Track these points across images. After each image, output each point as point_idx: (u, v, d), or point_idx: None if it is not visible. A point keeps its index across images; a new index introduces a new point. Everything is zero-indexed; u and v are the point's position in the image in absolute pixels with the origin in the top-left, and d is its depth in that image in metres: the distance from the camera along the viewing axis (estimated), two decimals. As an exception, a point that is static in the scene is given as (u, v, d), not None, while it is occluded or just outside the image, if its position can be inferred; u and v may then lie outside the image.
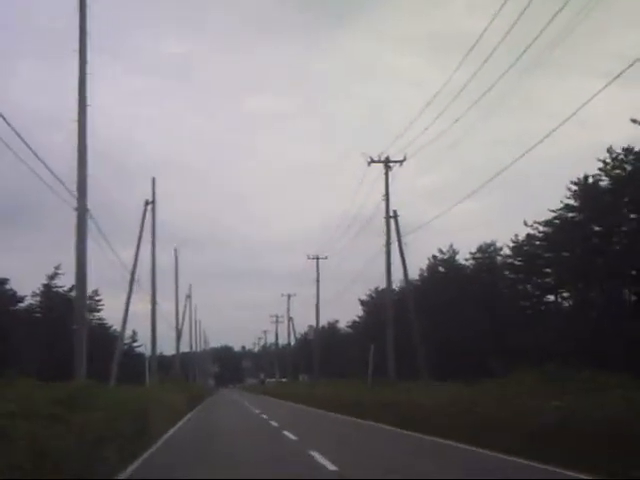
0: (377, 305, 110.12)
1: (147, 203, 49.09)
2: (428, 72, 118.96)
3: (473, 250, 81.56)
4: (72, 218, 25.61)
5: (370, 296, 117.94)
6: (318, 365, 77.03)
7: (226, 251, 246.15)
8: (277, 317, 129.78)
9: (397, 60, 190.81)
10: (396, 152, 46.71)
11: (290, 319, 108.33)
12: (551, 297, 70.91)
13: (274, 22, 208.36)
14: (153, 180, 51.63)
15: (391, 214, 47.03)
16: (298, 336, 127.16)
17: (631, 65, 20.03)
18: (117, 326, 62.24)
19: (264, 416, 37.19)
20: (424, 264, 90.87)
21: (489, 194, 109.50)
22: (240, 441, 23.17)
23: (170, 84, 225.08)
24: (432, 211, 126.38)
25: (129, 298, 44.33)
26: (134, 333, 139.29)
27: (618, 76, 20.67)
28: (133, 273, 44.03)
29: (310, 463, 16.32)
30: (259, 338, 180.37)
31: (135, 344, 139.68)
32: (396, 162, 46.30)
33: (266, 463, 16.93)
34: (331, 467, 15.48)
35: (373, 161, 47.16)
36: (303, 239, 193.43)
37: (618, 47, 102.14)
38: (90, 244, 26.08)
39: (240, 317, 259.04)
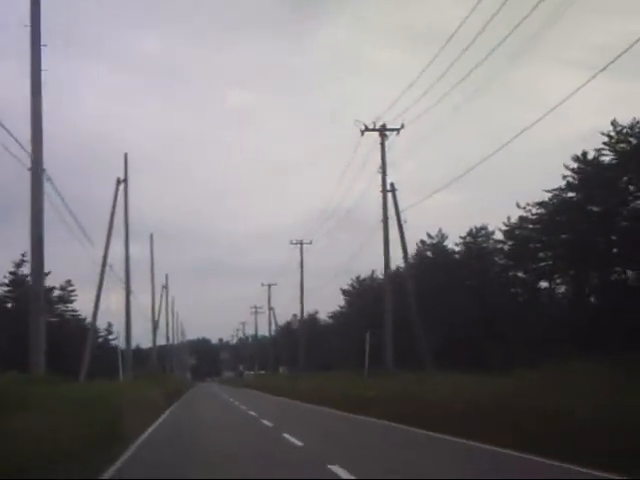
0: (360, 294, 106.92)
1: (119, 181, 44.98)
2: (409, 65, 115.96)
3: (463, 234, 77.64)
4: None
5: (352, 286, 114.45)
6: (304, 355, 73.03)
7: (205, 245, 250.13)
8: (256, 308, 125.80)
9: (377, 53, 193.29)
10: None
11: (271, 309, 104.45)
12: (544, 284, 67.34)
13: (254, 17, 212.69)
14: (125, 156, 47.55)
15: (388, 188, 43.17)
16: (278, 328, 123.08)
17: (619, 56, 20.03)
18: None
19: (252, 413, 33.10)
20: (411, 250, 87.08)
21: (472, 184, 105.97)
22: (232, 448, 19.00)
23: (151, 81, 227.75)
24: (414, 199, 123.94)
25: (101, 285, 40.32)
26: (109, 325, 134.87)
27: (604, 68, 20.74)
28: (105, 257, 39.97)
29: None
30: (237, 330, 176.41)
31: (110, 337, 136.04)
32: (393, 130, 43.34)
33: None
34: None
35: (367, 129, 44.08)
36: (283, 234, 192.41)
37: (593, 37, 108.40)
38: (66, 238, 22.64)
39: (218, 310, 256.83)
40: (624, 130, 49.28)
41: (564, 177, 53.76)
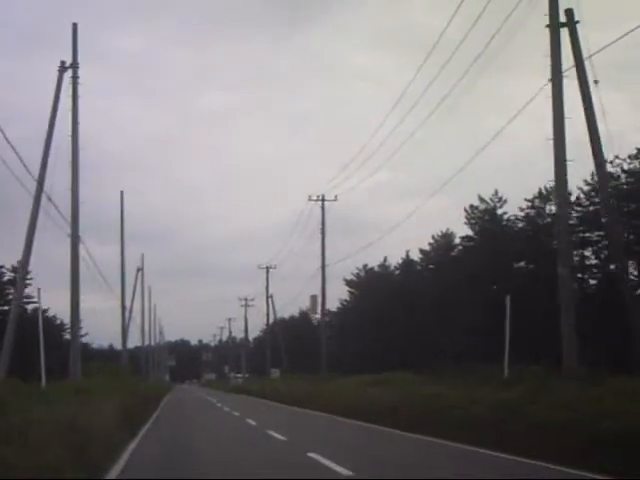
0: (370, 284, 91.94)
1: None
2: (389, 71, 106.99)
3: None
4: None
5: (357, 275, 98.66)
6: (326, 351, 56.25)
7: (184, 247, 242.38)
8: (246, 300, 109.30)
9: (357, 59, 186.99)
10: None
11: (270, 297, 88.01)
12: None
13: (232, 18, 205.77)
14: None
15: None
16: (271, 324, 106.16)
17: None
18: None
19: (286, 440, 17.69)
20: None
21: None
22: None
23: (129, 80, 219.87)
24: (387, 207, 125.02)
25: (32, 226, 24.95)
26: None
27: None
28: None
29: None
30: (222, 328, 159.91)
31: (79, 333, 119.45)
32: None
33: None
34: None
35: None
36: (261, 238, 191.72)
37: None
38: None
39: (197, 312, 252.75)
40: None
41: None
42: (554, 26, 24.12)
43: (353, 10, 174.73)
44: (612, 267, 44.74)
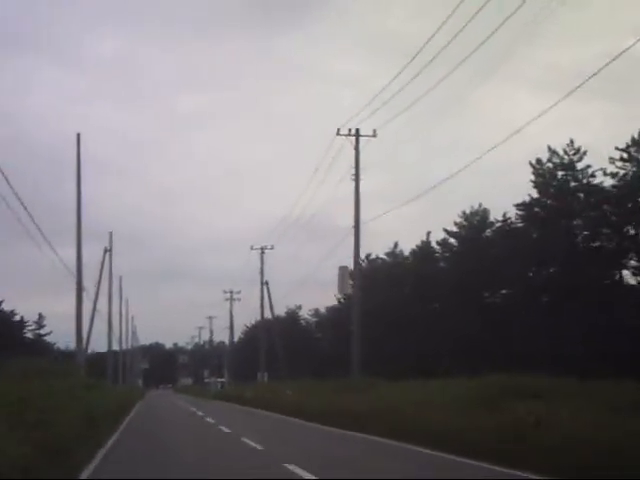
0: (376, 275, 78.44)
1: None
2: (369, 76, 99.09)
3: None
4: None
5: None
6: (359, 350, 39.96)
7: (159, 250, 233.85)
8: (232, 293, 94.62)
9: (336, 63, 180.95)
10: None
11: (265, 284, 73.18)
12: None
13: (211, 20, 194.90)
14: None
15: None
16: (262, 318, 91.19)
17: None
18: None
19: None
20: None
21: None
22: None
23: (104, 82, 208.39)
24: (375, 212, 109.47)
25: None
26: (40, 317, 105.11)
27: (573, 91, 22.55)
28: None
29: None
30: (200, 328, 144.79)
31: (41, 331, 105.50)
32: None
33: None
34: None
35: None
36: (238, 240, 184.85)
37: (552, 58, 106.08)
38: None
39: (172, 315, 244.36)
40: None
41: None
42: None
43: (335, 15, 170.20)
44: None
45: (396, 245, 80.00)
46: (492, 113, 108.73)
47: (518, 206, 51.29)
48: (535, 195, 49.91)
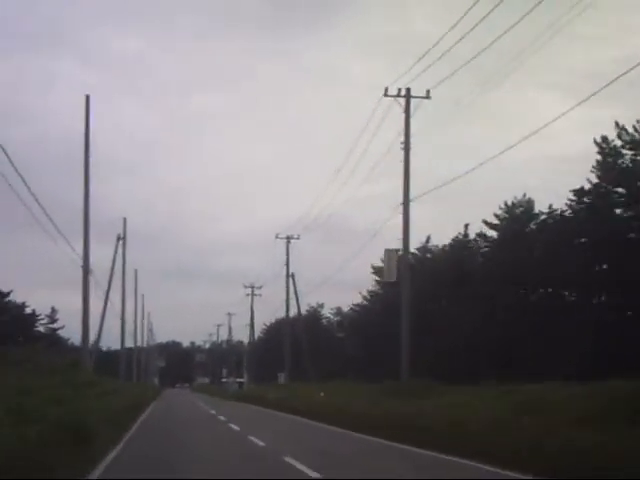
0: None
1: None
2: (385, 77, 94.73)
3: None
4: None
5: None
6: (408, 347, 33.48)
7: (176, 249, 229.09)
8: (253, 288, 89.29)
9: (353, 65, 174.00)
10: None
11: (291, 275, 67.39)
12: None
13: (224, 21, 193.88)
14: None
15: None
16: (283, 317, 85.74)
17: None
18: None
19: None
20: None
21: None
22: None
23: (120, 81, 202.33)
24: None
25: None
26: (53, 310, 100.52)
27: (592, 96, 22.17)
28: None
29: None
30: (218, 325, 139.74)
31: (54, 325, 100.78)
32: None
33: None
34: None
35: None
36: (256, 241, 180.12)
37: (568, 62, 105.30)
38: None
39: (190, 314, 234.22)
40: None
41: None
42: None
43: (350, 16, 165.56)
44: None
45: (428, 239, 74.55)
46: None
47: (575, 192, 45.70)
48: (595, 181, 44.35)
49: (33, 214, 29.97)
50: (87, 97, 37.57)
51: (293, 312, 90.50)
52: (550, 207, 56.73)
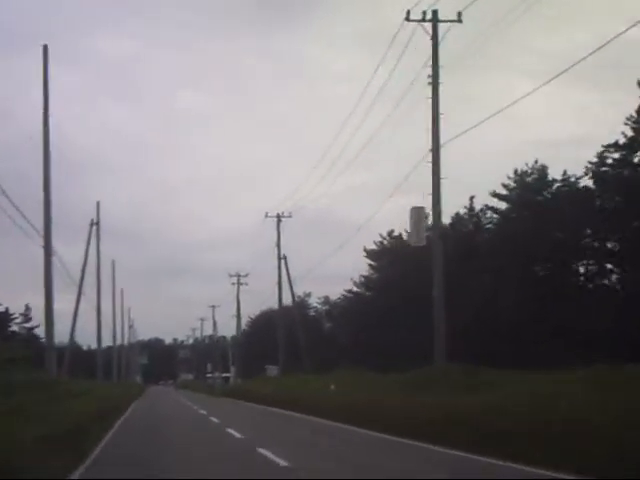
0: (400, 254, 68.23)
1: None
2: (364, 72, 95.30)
3: None
4: None
5: (380, 243, 73.77)
6: (443, 325, 27.11)
7: (158, 247, 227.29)
8: (239, 276, 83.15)
9: (332, 60, 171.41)
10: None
11: (283, 258, 60.98)
12: None
13: (211, 20, 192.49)
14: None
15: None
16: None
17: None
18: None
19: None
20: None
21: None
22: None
23: (105, 81, 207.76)
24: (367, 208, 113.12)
25: None
26: (27, 309, 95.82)
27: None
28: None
29: None
30: (201, 319, 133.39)
31: (28, 325, 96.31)
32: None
33: None
34: None
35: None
36: (236, 239, 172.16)
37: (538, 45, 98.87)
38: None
39: (173, 311, 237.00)
40: None
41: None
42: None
43: (334, 12, 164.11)
44: None
45: (426, 216, 69.00)
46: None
47: (608, 147, 40.11)
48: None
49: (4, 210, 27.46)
50: (45, 47, 31.81)
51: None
52: (564, 173, 51.62)
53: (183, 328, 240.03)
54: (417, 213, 26.24)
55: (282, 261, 59.63)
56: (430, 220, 27.35)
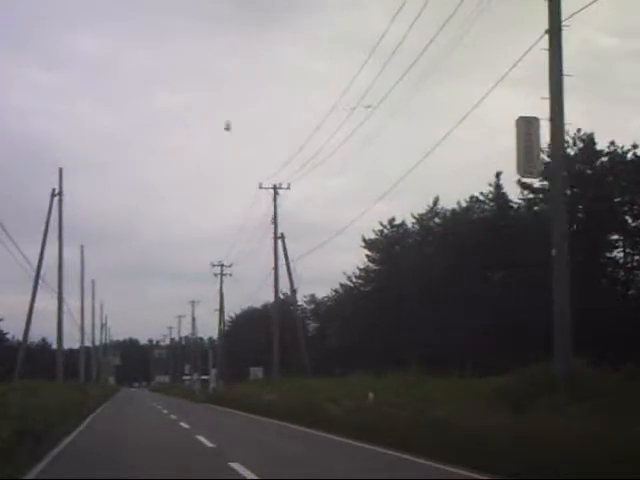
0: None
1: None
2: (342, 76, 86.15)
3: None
4: None
5: (380, 231, 65.37)
6: (569, 319, 17.81)
7: (132, 248, 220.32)
8: (222, 266, 73.73)
9: (310, 63, 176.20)
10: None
11: (280, 237, 51.01)
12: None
13: (189, 18, 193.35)
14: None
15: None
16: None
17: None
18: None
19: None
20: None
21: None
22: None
23: (82, 80, 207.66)
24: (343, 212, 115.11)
25: None
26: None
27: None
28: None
29: None
30: (179, 317, 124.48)
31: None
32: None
33: None
34: None
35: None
36: (213, 239, 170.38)
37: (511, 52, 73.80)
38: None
39: (146, 313, 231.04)
40: None
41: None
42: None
43: (311, 15, 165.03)
44: None
45: (436, 201, 60.39)
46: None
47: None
48: None
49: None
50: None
51: (266, 299, 76.44)
52: (611, 143, 43.64)
53: (160, 328, 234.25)
54: (526, 125, 16.74)
55: (279, 240, 50.09)
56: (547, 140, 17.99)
